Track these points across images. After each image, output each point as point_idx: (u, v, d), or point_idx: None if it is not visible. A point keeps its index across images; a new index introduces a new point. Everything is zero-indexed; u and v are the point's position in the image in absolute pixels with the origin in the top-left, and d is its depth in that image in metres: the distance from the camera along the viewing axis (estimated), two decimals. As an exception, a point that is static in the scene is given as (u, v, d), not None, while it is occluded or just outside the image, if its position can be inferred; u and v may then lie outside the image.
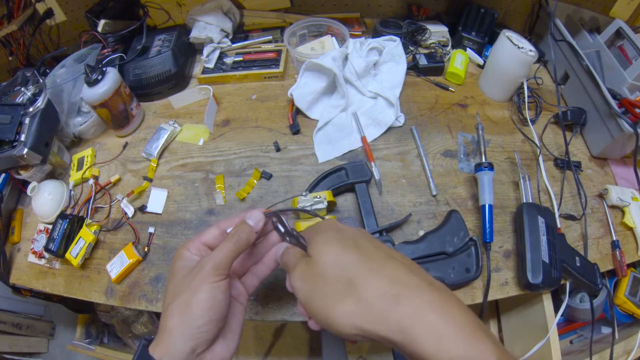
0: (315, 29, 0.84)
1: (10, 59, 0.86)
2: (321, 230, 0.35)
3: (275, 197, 0.66)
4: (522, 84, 0.73)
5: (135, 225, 0.65)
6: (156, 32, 0.87)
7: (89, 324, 1.10)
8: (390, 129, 0.73)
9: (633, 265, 0.67)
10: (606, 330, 0.72)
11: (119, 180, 0.72)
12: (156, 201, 0.68)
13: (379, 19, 0.90)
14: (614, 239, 0.62)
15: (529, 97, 0.73)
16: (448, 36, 0.87)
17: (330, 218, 0.38)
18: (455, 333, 0.26)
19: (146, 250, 0.63)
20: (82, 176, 0.71)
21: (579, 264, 0.56)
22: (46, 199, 0.67)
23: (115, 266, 0.61)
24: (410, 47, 0.84)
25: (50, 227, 0.66)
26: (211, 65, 0.85)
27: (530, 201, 0.60)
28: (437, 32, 0.86)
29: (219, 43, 0.86)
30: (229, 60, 0.86)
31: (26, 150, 0.64)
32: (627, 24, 0.72)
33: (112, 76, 0.69)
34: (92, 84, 0.68)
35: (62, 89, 0.74)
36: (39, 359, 1.31)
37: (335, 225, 0.36)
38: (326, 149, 0.71)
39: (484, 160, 0.60)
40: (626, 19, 0.80)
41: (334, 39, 0.80)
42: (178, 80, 0.83)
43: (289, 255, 0.37)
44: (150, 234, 0.65)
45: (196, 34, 0.85)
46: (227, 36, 0.88)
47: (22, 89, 0.69)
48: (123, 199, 0.67)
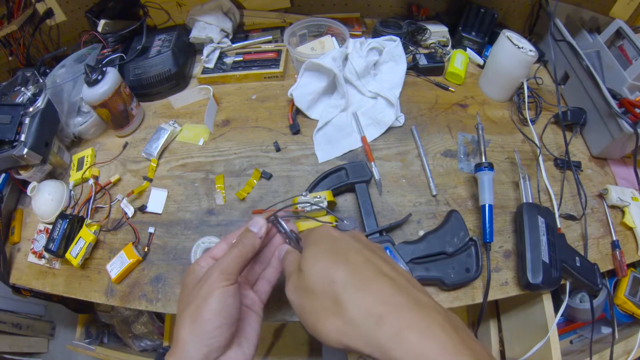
0: (315, 29, 0.84)
1: (10, 59, 0.86)
2: (313, 241, 0.35)
3: (275, 197, 0.66)
4: (522, 84, 0.73)
5: (135, 225, 0.65)
6: (156, 32, 0.87)
7: (89, 324, 1.10)
8: (390, 129, 0.73)
9: (633, 265, 0.67)
10: (606, 330, 0.72)
11: (119, 180, 0.72)
12: (156, 201, 0.68)
13: (379, 19, 0.90)
14: (614, 239, 0.62)
15: (529, 97, 0.73)
16: (448, 36, 0.87)
17: (326, 224, 0.38)
18: (436, 354, 0.26)
19: (146, 250, 0.63)
20: (82, 176, 0.71)
21: (579, 264, 0.56)
22: (46, 199, 0.67)
23: (115, 266, 0.61)
24: (410, 47, 0.84)
25: (50, 227, 0.66)
26: (211, 65, 0.85)
27: (530, 201, 0.60)
28: (437, 32, 0.86)
29: (219, 43, 0.86)
30: (229, 60, 0.86)
31: (26, 150, 0.64)
32: (627, 24, 0.72)
33: (112, 76, 0.69)
34: (92, 84, 0.68)
35: (62, 89, 0.74)
36: (39, 359, 1.31)
37: (329, 235, 0.36)
38: (326, 149, 0.71)
39: (484, 160, 0.60)
40: (626, 19, 0.80)
41: (334, 39, 0.80)
42: (178, 80, 0.83)
43: (286, 261, 0.38)
44: (150, 234, 0.65)
45: (196, 34, 0.85)
46: (227, 36, 0.88)
47: (22, 89, 0.69)
48: (123, 199, 0.67)
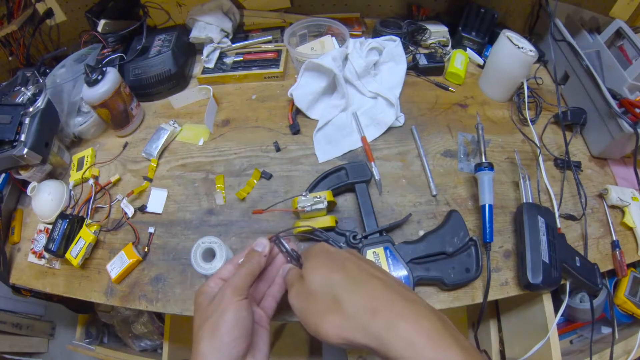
0: (315, 29, 0.84)
1: (10, 59, 0.86)
2: (313, 255, 0.40)
3: (275, 197, 0.66)
4: (522, 84, 0.73)
5: (135, 225, 0.65)
6: (156, 32, 0.87)
7: (89, 324, 1.10)
8: (390, 129, 0.72)
9: (633, 265, 0.67)
10: (606, 330, 0.72)
11: (119, 180, 0.72)
12: (156, 201, 0.68)
13: (379, 19, 0.90)
14: (614, 239, 0.62)
15: (529, 97, 0.73)
16: (448, 36, 0.87)
17: (322, 242, 0.44)
18: (424, 340, 0.30)
19: (146, 250, 0.63)
20: (82, 176, 0.71)
21: (579, 264, 0.56)
22: (46, 199, 0.67)
23: (115, 266, 0.61)
24: (410, 47, 0.84)
25: (50, 227, 0.66)
26: (211, 65, 0.85)
27: (530, 201, 0.60)
28: (437, 32, 0.86)
29: (219, 43, 0.86)
30: (229, 60, 0.86)
31: (26, 150, 0.64)
32: (627, 24, 0.72)
33: (112, 76, 0.69)
34: (92, 84, 0.68)
35: (62, 89, 0.73)
36: (39, 359, 1.31)
37: (326, 249, 0.41)
38: (326, 149, 0.71)
39: (484, 160, 0.60)
40: (626, 19, 0.80)
41: (334, 39, 0.80)
42: (178, 80, 0.83)
43: (288, 276, 0.43)
44: (150, 234, 0.65)
45: (196, 34, 0.85)
46: (227, 36, 0.88)
47: (22, 89, 0.69)
48: (123, 199, 0.67)
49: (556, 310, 0.60)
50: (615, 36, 0.75)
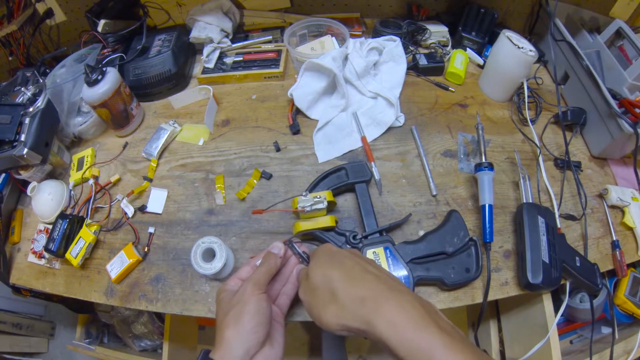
0: (315, 29, 0.84)
1: (10, 59, 0.86)
2: (317, 255, 0.46)
3: (275, 197, 0.66)
4: (522, 84, 0.73)
5: (135, 225, 0.65)
6: (156, 32, 0.87)
7: (89, 324, 1.10)
8: (390, 129, 0.72)
9: (633, 265, 0.67)
10: (606, 330, 0.72)
11: (119, 180, 0.72)
12: (156, 201, 0.68)
13: (379, 19, 0.90)
14: (614, 239, 0.62)
15: (529, 97, 0.73)
16: (448, 36, 0.87)
17: (327, 244, 0.50)
18: (406, 323, 0.34)
19: (146, 250, 0.63)
20: (82, 176, 0.71)
21: (579, 264, 0.56)
22: (46, 199, 0.67)
23: (115, 266, 0.61)
24: (410, 47, 0.84)
25: (50, 227, 0.66)
26: (211, 65, 0.85)
27: (530, 201, 0.60)
28: (437, 32, 0.86)
29: (219, 43, 0.86)
30: (229, 60, 0.86)
31: (26, 150, 0.64)
32: (627, 24, 0.72)
33: (112, 76, 0.69)
34: (92, 84, 0.68)
35: (62, 89, 0.74)
36: (39, 359, 1.31)
37: (328, 250, 0.46)
38: (326, 149, 0.71)
39: (484, 160, 0.60)
40: (626, 19, 0.80)
41: (334, 39, 0.80)
42: (178, 80, 0.83)
43: (299, 275, 0.49)
44: (150, 234, 0.65)
45: (196, 34, 0.85)
46: (227, 36, 0.88)
47: (22, 89, 0.69)
48: (123, 199, 0.67)
49: (556, 310, 0.60)
50: (615, 36, 0.75)
